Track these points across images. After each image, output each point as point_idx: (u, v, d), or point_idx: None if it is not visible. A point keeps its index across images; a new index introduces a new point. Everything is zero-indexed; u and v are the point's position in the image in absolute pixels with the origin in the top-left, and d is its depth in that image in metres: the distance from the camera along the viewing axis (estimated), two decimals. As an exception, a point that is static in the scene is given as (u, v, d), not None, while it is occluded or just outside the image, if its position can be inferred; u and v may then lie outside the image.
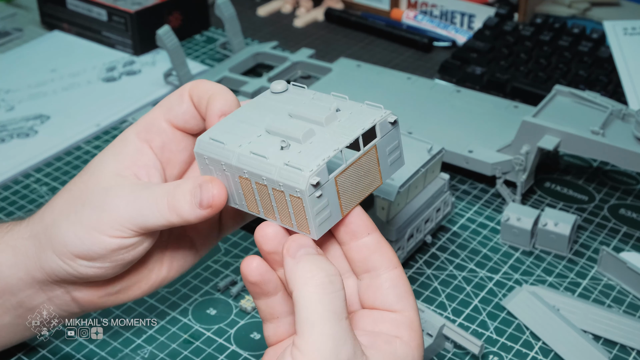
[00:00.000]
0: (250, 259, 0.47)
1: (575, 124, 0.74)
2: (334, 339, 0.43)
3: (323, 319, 0.43)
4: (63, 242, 0.50)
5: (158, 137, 0.52)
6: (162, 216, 0.49)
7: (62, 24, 1.12)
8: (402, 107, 0.86)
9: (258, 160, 0.45)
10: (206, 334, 0.65)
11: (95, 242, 0.50)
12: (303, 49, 0.99)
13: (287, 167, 0.44)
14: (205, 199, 0.48)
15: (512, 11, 1.11)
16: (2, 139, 0.90)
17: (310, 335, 0.43)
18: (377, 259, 0.47)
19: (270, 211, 0.47)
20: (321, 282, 0.43)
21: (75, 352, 0.64)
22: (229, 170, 0.47)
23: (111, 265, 0.51)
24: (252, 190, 0.47)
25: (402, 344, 0.46)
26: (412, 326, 0.46)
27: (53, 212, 0.52)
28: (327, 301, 0.43)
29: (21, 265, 0.53)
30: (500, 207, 0.80)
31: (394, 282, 0.47)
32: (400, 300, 0.47)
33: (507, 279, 0.71)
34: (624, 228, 0.77)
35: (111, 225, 0.49)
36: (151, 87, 1.00)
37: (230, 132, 0.48)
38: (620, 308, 0.68)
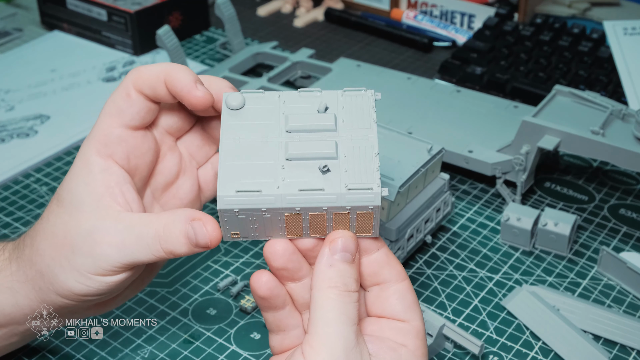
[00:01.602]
0: (260, 274, 0.48)
1: (575, 124, 0.74)
2: (346, 340, 0.45)
3: (337, 320, 0.45)
4: (66, 287, 0.50)
5: (120, 148, 0.50)
6: (157, 256, 0.49)
7: (62, 24, 1.12)
8: (402, 107, 0.86)
9: (312, 195, 0.45)
10: (206, 334, 0.65)
11: (99, 284, 0.50)
12: (303, 49, 0.99)
13: (353, 191, 0.45)
14: (202, 240, 0.47)
15: (512, 11, 1.11)
16: (2, 139, 0.90)
17: (324, 333, 0.44)
18: (386, 273, 0.48)
19: (321, 231, 0.47)
20: (340, 293, 0.45)
21: (75, 352, 0.64)
22: (272, 213, 0.45)
23: (119, 291, 0.52)
24: (299, 221, 0.46)
25: (407, 352, 0.47)
26: (419, 335, 0.47)
27: (43, 258, 0.51)
28: (342, 306, 0.45)
29: (25, 306, 0.53)
30: (500, 207, 0.80)
31: (402, 294, 0.48)
32: (407, 310, 0.48)
33: (507, 279, 0.71)
34: (624, 228, 0.77)
35: (107, 269, 0.49)
36: (151, 87, 0.99)
37: (249, 176, 0.46)
38: (620, 308, 0.68)
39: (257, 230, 0.47)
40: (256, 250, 0.74)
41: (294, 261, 0.48)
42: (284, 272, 0.48)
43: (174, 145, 0.54)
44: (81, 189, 0.50)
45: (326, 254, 0.46)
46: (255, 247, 0.74)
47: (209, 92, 0.49)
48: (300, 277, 0.48)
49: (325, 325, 0.45)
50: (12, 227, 0.78)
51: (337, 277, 0.46)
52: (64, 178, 0.51)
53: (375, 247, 0.48)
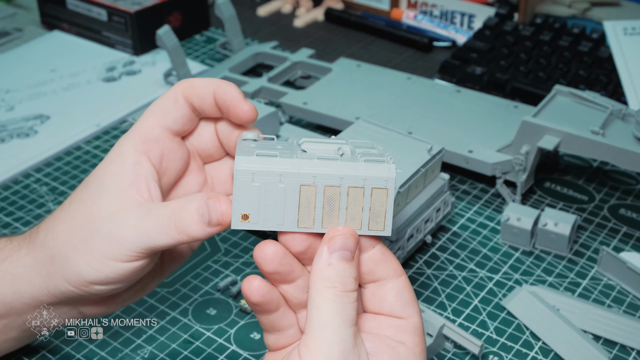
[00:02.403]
0: (251, 280, 0.47)
1: (575, 124, 0.74)
2: (344, 343, 0.44)
3: (335, 322, 0.44)
4: (77, 272, 0.50)
5: (156, 147, 0.51)
6: (171, 238, 0.48)
7: (62, 24, 1.12)
8: (402, 107, 0.86)
9: (329, 163, 0.45)
10: (206, 334, 0.65)
11: (111, 270, 0.49)
12: (303, 49, 0.99)
13: (368, 162, 0.45)
14: (214, 217, 0.47)
15: (512, 11, 1.11)
16: (2, 139, 0.90)
17: (322, 336, 0.44)
18: (383, 270, 0.47)
19: (334, 218, 0.46)
20: (339, 293, 0.45)
21: (75, 352, 0.64)
22: (288, 180, 0.45)
23: (129, 283, 0.52)
24: (313, 200, 0.46)
25: (405, 349, 0.46)
26: (417, 332, 0.47)
27: (57, 241, 0.51)
28: (340, 307, 0.45)
29: (26, 293, 0.53)
30: (500, 207, 0.80)
31: (399, 291, 0.47)
32: (405, 307, 0.47)
33: (507, 279, 0.71)
34: (624, 228, 0.77)
35: (123, 253, 0.49)
36: (151, 87, 1.00)
37: (270, 150, 0.46)
38: (620, 308, 0.68)
39: (269, 212, 0.45)
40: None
41: (285, 264, 0.47)
42: (276, 275, 0.47)
43: (202, 167, 0.55)
44: (109, 177, 0.51)
45: (324, 253, 0.46)
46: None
47: (254, 107, 0.50)
48: (293, 279, 0.48)
49: (323, 327, 0.44)
50: (12, 227, 0.78)
51: (336, 276, 0.45)
52: (96, 167, 0.52)
53: (370, 245, 0.47)
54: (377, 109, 0.86)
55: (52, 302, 0.53)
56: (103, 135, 0.92)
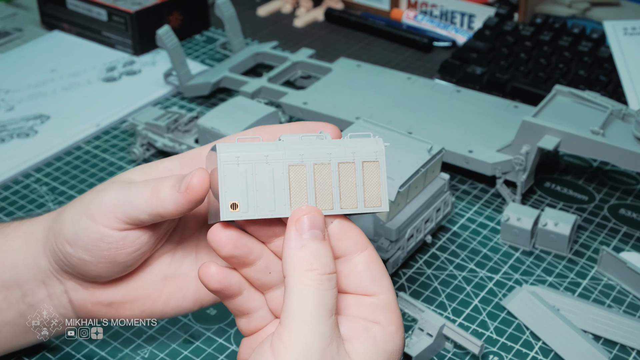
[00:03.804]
0: (207, 267, 0.46)
1: (575, 124, 0.74)
2: (323, 337, 0.42)
3: (315, 313, 0.42)
4: (60, 226, 0.51)
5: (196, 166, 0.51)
6: (145, 200, 0.47)
7: (62, 24, 1.12)
8: (402, 107, 0.86)
9: (315, 141, 0.43)
10: (206, 334, 0.65)
11: (81, 228, 0.50)
12: (303, 49, 0.99)
13: (354, 138, 0.44)
14: (185, 182, 0.46)
15: (512, 11, 1.11)
16: (2, 139, 0.90)
17: (300, 329, 0.42)
18: (345, 245, 0.45)
19: (327, 198, 0.44)
20: (319, 277, 0.42)
21: (75, 352, 0.64)
22: (275, 161, 0.43)
23: (93, 260, 0.50)
24: (304, 180, 0.44)
25: (380, 329, 0.44)
26: (389, 308, 0.45)
27: (67, 205, 0.53)
28: (320, 297, 0.42)
29: (30, 251, 0.54)
30: (500, 207, 0.80)
31: (366, 265, 0.45)
32: (374, 281, 0.45)
33: (507, 279, 0.71)
34: (624, 228, 0.77)
35: (99, 211, 0.49)
36: (151, 87, 1.00)
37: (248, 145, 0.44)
38: (620, 308, 0.68)
39: (259, 198, 0.43)
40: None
41: (240, 247, 0.45)
42: (233, 259, 0.46)
43: None
44: (139, 169, 0.52)
45: (293, 236, 0.43)
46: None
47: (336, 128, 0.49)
48: (252, 261, 0.46)
49: (300, 320, 0.41)
50: (12, 227, 0.78)
51: (313, 257, 0.43)
52: None
53: (328, 220, 0.45)
54: (377, 109, 0.86)
55: (45, 269, 0.53)
56: (103, 135, 0.92)
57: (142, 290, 0.54)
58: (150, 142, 0.85)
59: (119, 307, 0.54)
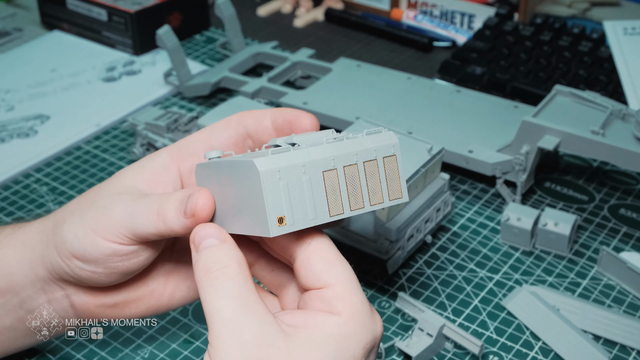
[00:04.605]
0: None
1: (575, 124, 0.74)
2: (232, 322, 0.42)
3: (219, 306, 0.43)
4: (63, 239, 0.50)
5: (190, 158, 0.52)
6: (151, 223, 0.48)
7: (62, 24, 1.12)
8: (402, 107, 0.86)
9: (339, 144, 0.44)
10: (206, 334, 0.65)
11: (90, 244, 0.49)
12: (303, 49, 0.99)
13: (369, 135, 0.45)
14: (189, 207, 0.47)
15: (512, 11, 1.11)
16: (2, 139, 0.90)
17: (212, 324, 0.43)
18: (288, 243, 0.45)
19: (359, 198, 0.45)
20: (214, 275, 0.44)
21: (75, 352, 0.64)
22: (310, 169, 0.44)
23: (105, 271, 0.51)
24: (337, 183, 0.44)
25: (330, 317, 0.44)
26: (341, 297, 0.44)
27: (65, 211, 0.52)
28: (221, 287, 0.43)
29: (27, 260, 0.53)
30: (500, 207, 0.80)
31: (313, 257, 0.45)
32: (323, 272, 0.44)
33: (507, 279, 0.71)
34: (624, 228, 0.77)
35: (107, 229, 0.49)
36: (151, 87, 1.00)
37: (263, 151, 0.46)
38: (620, 308, 0.68)
39: (300, 208, 0.43)
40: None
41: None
42: None
43: None
44: (133, 170, 0.52)
45: (194, 254, 0.45)
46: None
47: (315, 117, 0.51)
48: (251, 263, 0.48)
49: (211, 316, 0.43)
50: (12, 227, 0.78)
51: (205, 262, 0.44)
52: None
53: None
54: (377, 109, 0.86)
55: (45, 278, 0.53)
56: (103, 135, 0.92)
57: (146, 287, 0.54)
58: (150, 142, 0.85)
59: (123, 307, 0.54)
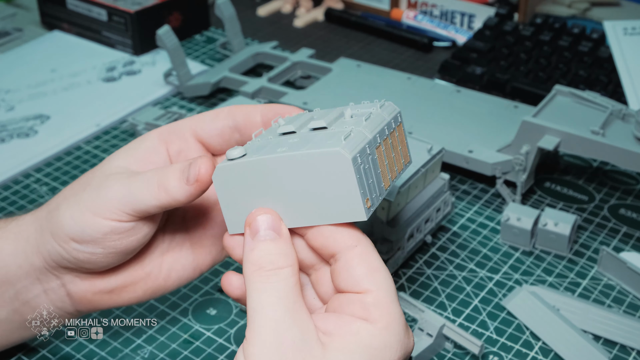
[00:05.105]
0: (228, 276, 0.48)
1: (575, 124, 0.74)
2: (276, 322, 0.42)
3: (265, 303, 0.43)
4: (60, 224, 0.51)
5: (177, 141, 0.52)
6: (152, 196, 0.48)
7: (62, 24, 1.12)
8: (402, 107, 0.86)
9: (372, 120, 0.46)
10: (206, 334, 0.65)
11: (89, 224, 0.50)
12: (303, 49, 0.99)
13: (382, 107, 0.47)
14: (193, 174, 0.47)
15: (512, 11, 1.11)
16: (2, 139, 0.90)
17: (254, 321, 0.43)
18: (334, 241, 0.45)
19: (393, 167, 0.47)
20: (266, 274, 0.43)
21: (75, 352, 0.64)
22: (371, 148, 0.44)
23: (103, 251, 0.51)
24: (384, 157, 0.46)
25: (366, 325, 0.43)
26: (379, 305, 0.44)
27: (58, 198, 0.52)
28: (270, 287, 0.43)
29: (21, 251, 0.53)
30: (500, 207, 0.80)
31: (357, 261, 0.45)
32: (366, 278, 0.44)
33: (507, 279, 0.71)
34: (624, 228, 0.77)
35: (105, 207, 0.49)
36: (151, 87, 1.00)
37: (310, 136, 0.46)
38: (620, 308, 0.68)
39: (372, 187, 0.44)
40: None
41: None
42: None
43: None
44: (123, 153, 0.52)
45: (248, 239, 0.45)
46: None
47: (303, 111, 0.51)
48: None
49: (254, 312, 0.43)
50: (12, 227, 0.78)
51: (260, 257, 0.44)
52: None
53: None
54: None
55: (40, 267, 0.53)
56: (103, 135, 0.92)
57: (142, 270, 0.54)
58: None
59: (121, 292, 0.54)
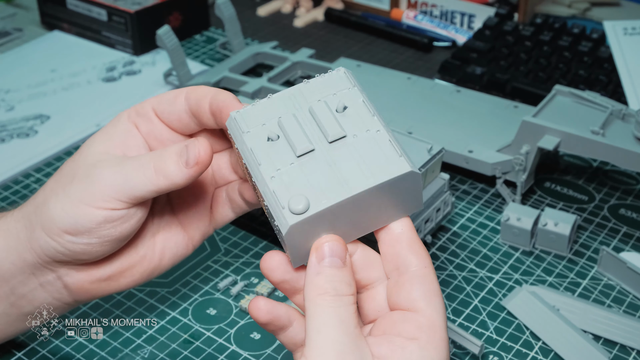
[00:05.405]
0: (256, 301, 0.47)
1: (575, 124, 0.74)
2: (339, 344, 0.42)
3: (328, 325, 0.43)
4: (51, 217, 0.50)
5: (145, 123, 0.52)
6: (150, 181, 0.48)
7: (62, 24, 1.12)
8: (402, 107, 0.86)
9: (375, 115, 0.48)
10: (206, 334, 0.65)
11: (82, 215, 0.49)
12: (303, 49, 0.99)
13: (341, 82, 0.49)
14: (192, 156, 0.48)
15: (512, 11, 1.11)
16: (2, 139, 0.90)
17: (315, 341, 0.43)
18: (406, 255, 0.46)
19: None
20: (332, 297, 0.44)
21: (75, 352, 0.64)
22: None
23: (98, 241, 0.50)
24: None
25: (418, 348, 0.44)
26: (433, 327, 0.44)
27: (44, 192, 0.52)
28: (333, 311, 0.43)
29: (12, 249, 0.53)
30: (500, 207, 0.80)
31: (420, 280, 0.45)
32: (424, 298, 0.45)
33: (507, 279, 0.71)
34: (624, 228, 0.77)
35: (99, 197, 0.49)
36: (151, 87, 1.00)
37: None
38: (620, 308, 0.68)
39: None
40: (256, 250, 0.74)
41: (290, 271, 0.47)
42: (285, 284, 0.47)
43: None
44: (100, 138, 0.52)
45: (313, 262, 0.45)
46: (255, 247, 0.74)
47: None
48: (303, 286, 0.47)
49: (316, 332, 0.43)
50: (12, 227, 0.78)
51: (326, 283, 0.44)
52: None
53: (398, 225, 0.46)
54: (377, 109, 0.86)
55: (34, 263, 0.53)
56: (103, 135, 0.92)
57: (136, 254, 0.54)
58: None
59: (118, 278, 0.54)
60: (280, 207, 0.44)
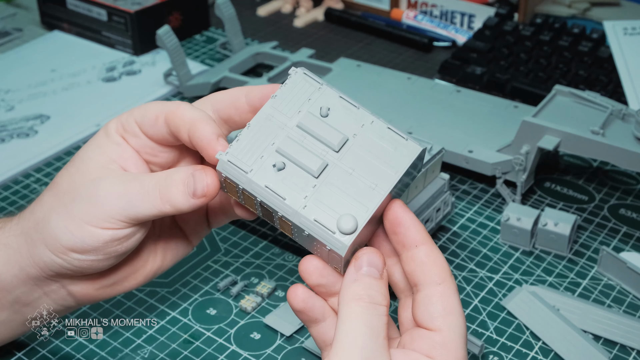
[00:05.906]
0: (295, 288, 0.48)
1: (575, 124, 0.74)
2: (366, 351, 0.43)
3: (357, 331, 0.44)
4: (55, 236, 0.50)
5: (133, 138, 0.51)
6: (155, 207, 0.48)
7: (62, 24, 1.12)
8: (402, 107, 0.86)
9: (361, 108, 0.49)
10: (206, 334, 0.65)
11: (87, 235, 0.49)
12: (303, 49, 0.99)
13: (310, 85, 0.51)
14: (200, 188, 0.47)
15: (512, 11, 1.11)
16: (2, 139, 0.90)
17: (343, 344, 0.43)
18: (422, 273, 0.46)
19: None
20: (366, 304, 0.44)
21: (75, 352, 0.64)
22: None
23: (105, 257, 0.51)
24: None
25: None
26: (447, 346, 0.45)
27: (43, 208, 0.52)
28: (365, 318, 0.44)
29: (14, 262, 0.53)
30: (500, 207, 0.80)
31: (438, 299, 0.46)
32: (440, 317, 0.45)
33: (507, 279, 0.71)
34: (624, 228, 0.77)
35: (103, 218, 0.49)
36: (151, 87, 1.00)
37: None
38: (620, 308, 0.68)
39: None
40: (256, 250, 0.74)
41: (326, 276, 0.47)
42: (321, 288, 0.48)
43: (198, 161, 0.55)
44: (95, 151, 0.51)
45: (352, 270, 0.46)
46: (255, 247, 0.74)
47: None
48: (338, 290, 0.48)
49: (345, 336, 0.43)
50: (12, 227, 0.78)
51: (362, 289, 0.45)
52: None
53: (412, 243, 0.46)
54: (377, 109, 0.86)
55: (38, 276, 0.53)
56: (103, 135, 0.92)
57: (139, 260, 0.54)
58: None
59: (123, 282, 0.55)
60: (330, 233, 0.44)
